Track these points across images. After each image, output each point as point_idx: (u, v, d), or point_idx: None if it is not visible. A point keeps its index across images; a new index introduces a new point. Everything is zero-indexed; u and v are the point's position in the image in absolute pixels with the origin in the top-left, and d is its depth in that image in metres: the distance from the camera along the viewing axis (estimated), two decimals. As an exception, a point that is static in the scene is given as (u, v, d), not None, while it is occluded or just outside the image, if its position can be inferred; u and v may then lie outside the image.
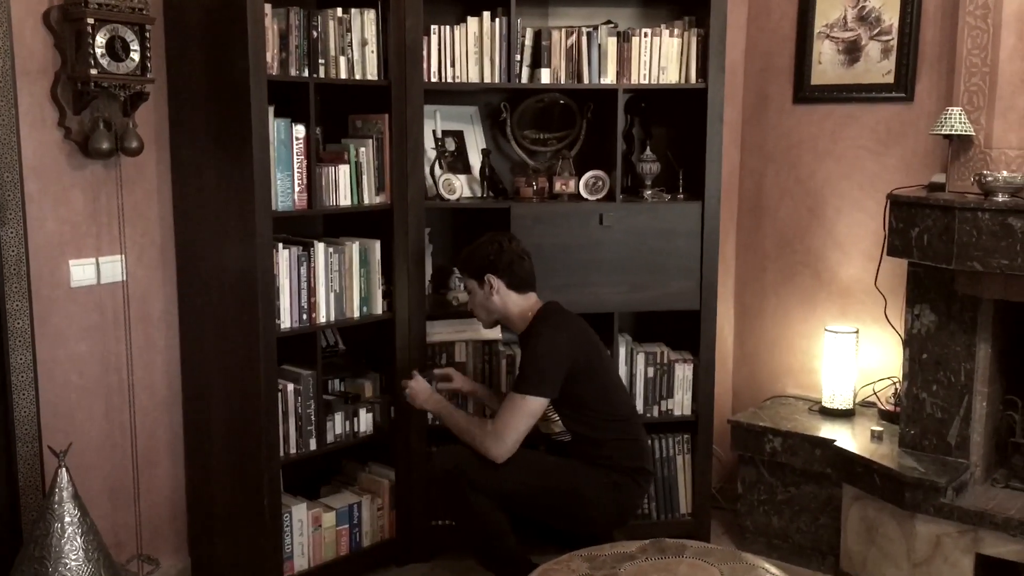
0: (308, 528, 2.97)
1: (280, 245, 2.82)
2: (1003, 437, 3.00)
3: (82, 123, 2.66)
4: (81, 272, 2.73)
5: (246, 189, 2.69)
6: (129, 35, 2.62)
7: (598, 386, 2.82)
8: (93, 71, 2.55)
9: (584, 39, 3.18)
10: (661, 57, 3.22)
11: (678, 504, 3.43)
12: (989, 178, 2.70)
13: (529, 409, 2.72)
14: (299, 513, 2.95)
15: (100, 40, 2.56)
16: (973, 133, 2.84)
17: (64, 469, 2.38)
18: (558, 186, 3.27)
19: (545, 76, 3.18)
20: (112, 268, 2.79)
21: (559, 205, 3.24)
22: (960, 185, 2.89)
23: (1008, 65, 2.81)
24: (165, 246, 2.93)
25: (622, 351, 3.32)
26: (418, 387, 2.92)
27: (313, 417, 2.94)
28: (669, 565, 2.33)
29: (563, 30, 3.19)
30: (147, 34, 2.65)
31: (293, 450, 2.91)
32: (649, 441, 3.04)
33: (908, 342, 3.03)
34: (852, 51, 3.40)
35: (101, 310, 2.79)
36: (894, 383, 3.33)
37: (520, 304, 2.87)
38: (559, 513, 2.85)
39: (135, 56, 2.64)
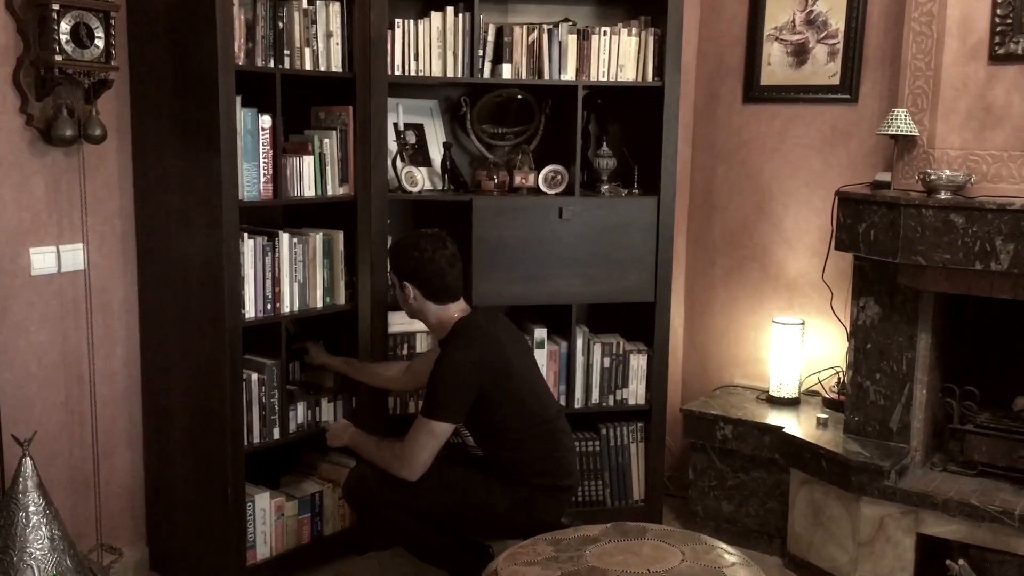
0: (271, 517, 2.98)
1: (245, 235, 2.82)
2: (941, 423, 3.16)
3: (44, 110, 2.63)
4: (42, 260, 2.70)
5: (212, 178, 2.69)
6: (94, 22, 2.60)
7: (508, 409, 2.75)
8: (57, 57, 2.52)
9: (545, 36, 3.24)
10: (620, 55, 3.30)
11: (631, 491, 3.52)
12: (933, 176, 2.84)
13: (434, 432, 2.68)
14: (262, 502, 2.96)
15: (64, 26, 2.54)
16: (917, 134, 2.98)
17: (29, 458, 2.36)
18: (518, 180, 3.33)
19: (507, 72, 3.24)
20: (73, 256, 2.76)
21: (520, 199, 3.30)
22: (905, 183, 3.04)
23: (951, 69, 2.95)
24: (126, 235, 2.91)
25: (579, 342, 3.39)
26: (336, 428, 2.97)
27: (277, 407, 2.95)
28: (632, 547, 2.40)
29: (524, 27, 3.25)
30: (112, 21, 2.64)
31: (257, 439, 2.92)
32: (574, 449, 2.99)
33: (853, 333, 3.17)
34: (800, 53, 3.52)
35: (62, 299, 2.76)
36: (838, 372, 3.48)
37: (438, 314, 2.81)
38: (473, 529, 2.88)
39: (99, 43, 2.62)
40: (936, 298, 3.04)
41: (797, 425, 3.31)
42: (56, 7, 2.50)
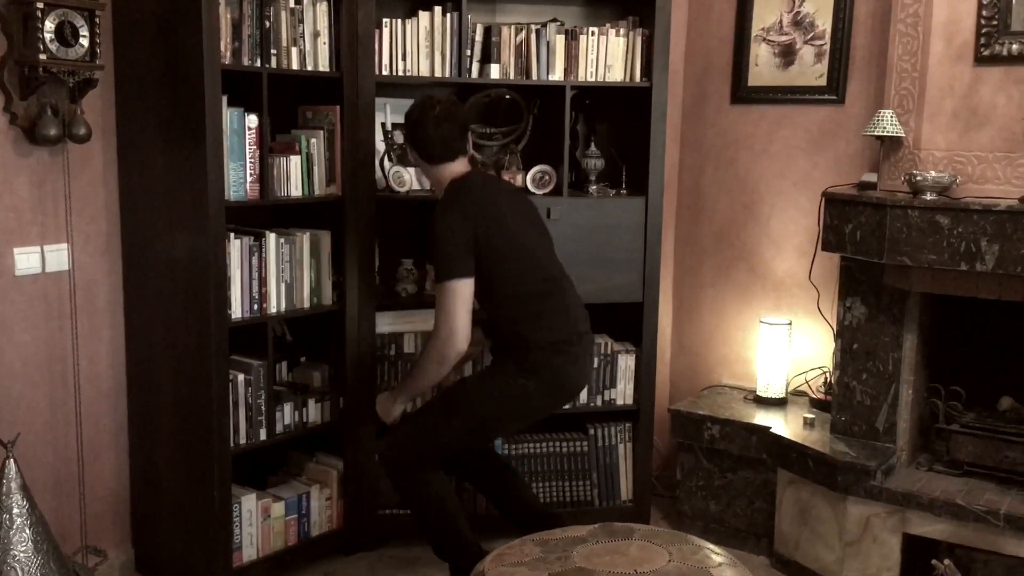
0: (257, 519, 2.97)
1: (232, 235, 2.81)
2: (927, 423, 3.17)
3: (28, 109, 2.61)
4: (26, 261, 2.68)
5: (199, 178, 2.68)
6: (79, 20, 2.59)
7: (505, 262, 2.74)
8: (42, 56, 2.51)
9: (533, 36, 3.24)
10: (607, 56, 3.30)
11: (619, 491, 3.52)
12: (919, 177, 2.85)
13: (455, 291, 2.67)
14: (248, 503, 2.95)
15: (49, 25, 2.52)
16: (903, 135, 2.99)
17: (12, 460, 2.35)
18: (506, 179, 3.33)
19: (495, 72, 3.24)
20: (58, 257, 2.75)
21: (507, 198, 3.29)
22: (891, 184, 3.05)
23: (936, 71, 2.97)
24: (111, 234, 2.90)
25: (567, 342, 3.39)
26: (381, 407, 2.97)
27: (263, 407, 2.94)
28: (619, 547, 2.40)
29: (512, 27, 3.25)
30: (97, 20, 2.62)
31: (243, 440, 2.91)
32: (580, 305, 2.91)
33: (840, 333, 3.18)
34: (787, 54, 3.53)
35: (46, 299, 2.75)
36: (824, 372, 3.49)
37: (435, 174, 2.84)
38: (504, 425, 2.94)
39: (84, 42, 2.61)
40: (922, 298, 3.05)
41: (784, 425, 3.31)
42: (40, 5, 2.48)
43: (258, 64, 2.85)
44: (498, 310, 2.81)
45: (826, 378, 3.46)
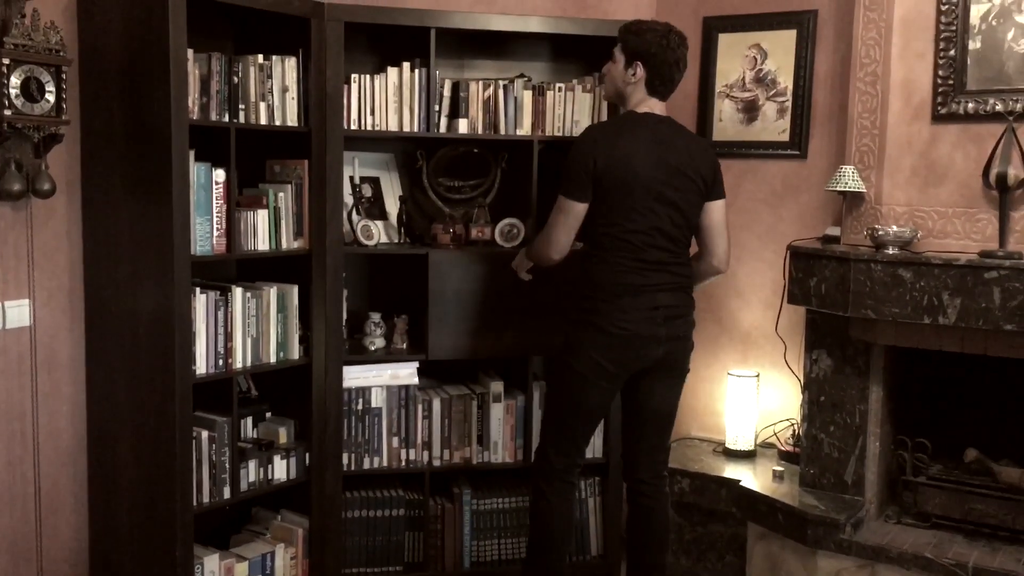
0: (220, 579, 2.91)
1: (197, 290, 2.78)
2: (894, 475, 3.19)
3: (-9, 163, 2.58)
4: (-14, 316, 2.64)
5: (164, 233, 2.66)
6: (45, 76, 2.58)
7: (605, 196, 2.72)
8: (7, 112, 2.49)
9: (501, 92, 3.27)
10: (575, 110, 3.34)
11: (589, 546, 3.49)
12: (881, 232, 2.90)
13: (561, 208, 2.77)
14: (211, 564, 2.88)
15: (15, 80, 2.51)
16: (865, 190, 3.05)
17: (-33, 523, 2.29)
18: (474, 233, 3.34)
19: (463, 126, 3.26)
20: (19, 312, 2.70)
21: (475, 252, 3.30)
22: (854, 238, 3.09)
23: (895, 128, 3.03)
24: (74, 290, 2.86)
25: (536, 396, 3.38)
26: (516, 261, 3.08)
27: (228, 465, 2.89)
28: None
29: (480, 82, 3.28)
30: (63, 75, 2.61)
31: (206, 499, 2.85)
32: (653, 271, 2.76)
33: (807, 386, 3.20)
34: (750, 110, 3.60)
35: (6, 355, 2.69)
36: (792, 425, 3.50)
37: (635, 100, 2.82)
38: (585, 401, 2.84)
39: (50, 97, 2.60)
40: (887, 351, 3.08)
41: (754, 478, 3.31)
42: (7, 62, 2.47)
43: (226, 119, 2.85)
44: (585, 253, 2.83)
45: (794, 430, 3.47)
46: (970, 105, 2.92)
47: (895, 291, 2.84)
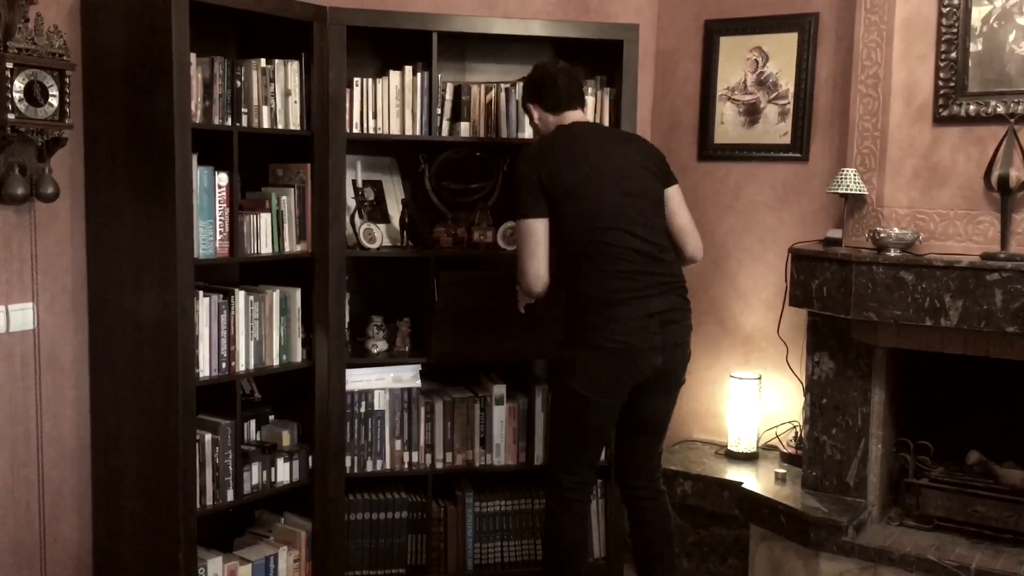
0: (223, 582, 2.91)
1: (200, 293, 2.79)
2: (896, 477, 3.19)
3: (-5, 168, 2.59)
4: (-11, 320, 2.65)
5: (167, 236, 2.67)
6: (48, 80, 2.58)
7: (561, 205, 2.69)
8: (11, 116, 2.50)
9: (503, 95, 3.28)
10: (576, 114, 3.34)
11: (592, 548, 3.49)
12: (882, 234, 2.90)
13: (524, 230, 2.72)
14: (214, 567, 2.89)
15: (19, 84, 2.51)
16: (866, 192, 3.05)
17: (-29, 526, 2.29)
18: (476, 236, 3.34)
19: (464, 130, 3.27)
20: (23, 316, 2.71)
21: (478, 255, 3.30)
22: (855, 240, 3.10)
23: (897, 131, 3.04)
24: (77, 293, 2.87)
25: (539, 399, 3.38)
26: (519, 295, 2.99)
27: (231, 468, 2.90)
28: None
29: (482, 86, 3.29)
30: (67, 79, 2.62)
31: (210, 502, 2.85)
32: (623, 263, 2.67)
33: (809, 388, 3.20)
34: (752, 113, 3.60)
35: (9, 359, 2.70)
36: (794, 427, 3.50)
37: (551, 124, 2.87)
38: (586, 420, 2.77)
39: (54, 101, 2.60)
40: (889, 353, 3.08)
41: (756, 480, 3.31)
42: (10, 66, 2.48)
43: (229, 123, 2.86)
44: (557, 267, 2.76)
45: (796, 432, 3.47)
46: (971, 107, 2.93)
47: (897, 293, 2.84)
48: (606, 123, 3.36)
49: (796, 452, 3.39)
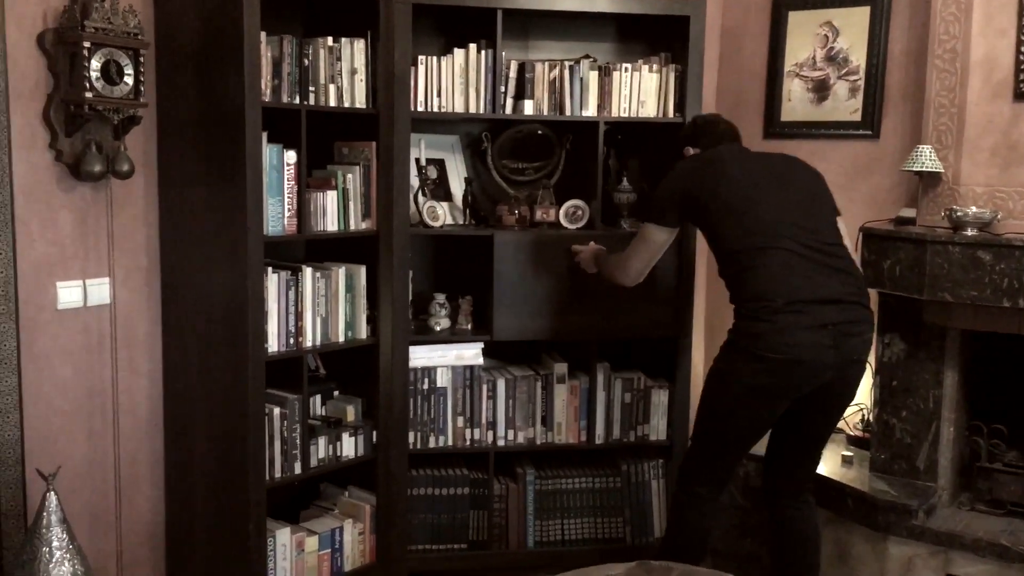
0: (292, 553, 2.97)
1: (270, 269, 2.83)
2: (968, 461, 3.12)
3: (73, 145, 2.65)
4: (68, 295, 2.71)
5: (238, 213, 2.70)
6: (124, 59, 2.63)
7: (713, 220, 2.67)
8: (88, 94, 2.55)
9: (567, 72, 3.26)
10: (641, 91, 3.31)
11: (652, 528, 3.49)
12: (959, 213, 2.83)
13: (644, 236, 2.84)
14: (283, 537, 2.95)
15: (95, 64, 2.56)
16: (942, 170, 2.98)
17: (53, 493, 2.36)
18: (539, 215, 3.34)
19: (528, 108, 3.26)
20: (99, 291, 2.78)
21: (540, 233, 3.30)
22: (930, 219, 3.03)
23: (975, 107, 2.95)
24: (151, 269, 2.93)
25: (600, 377, 3.38)
26: (585, 251, 3.12)
27: (298, 441, 2.95)
28: (658, 586, 2.37)
29: (546, 63, 3.27)
30: (141, 58, 2.67)
31: (278, 474, 2.91)
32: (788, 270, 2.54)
33: (879, 370, 3.15)
34: (821, 90, 3.53)
35: (87, 333, 2.77)
36: (861, 409, 3.44)
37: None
38: (735, 432, 2.68)
39: (128, 80, 2.65)
40: (962, 335, 3.01)
41: (822, 463, 3.26)
42: (87, 45, 2.53)
43: (297, 101, 2.89)
44: (720, 269, 2.75)
45: (864, 415, 3.42)
46: (1053, 82, 2.84)
47: (974, 274, 2.77)
48: (671, 103, 3.33)
49: (863, 435, 3.34)
